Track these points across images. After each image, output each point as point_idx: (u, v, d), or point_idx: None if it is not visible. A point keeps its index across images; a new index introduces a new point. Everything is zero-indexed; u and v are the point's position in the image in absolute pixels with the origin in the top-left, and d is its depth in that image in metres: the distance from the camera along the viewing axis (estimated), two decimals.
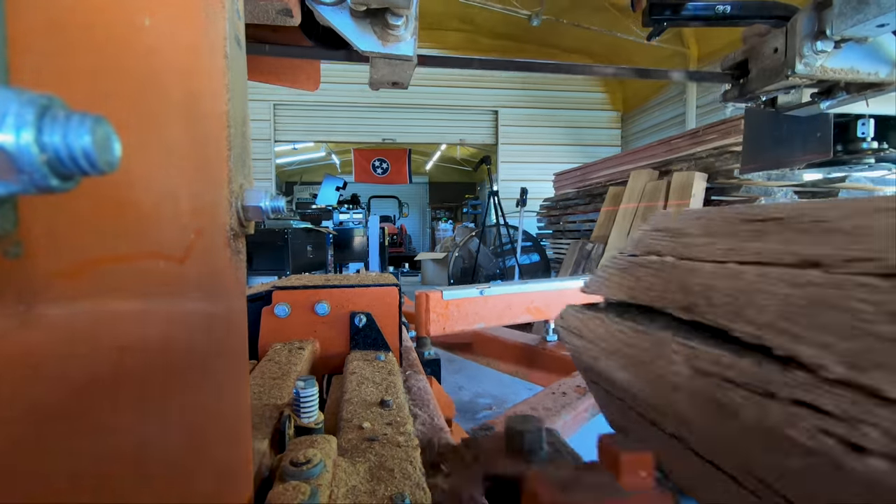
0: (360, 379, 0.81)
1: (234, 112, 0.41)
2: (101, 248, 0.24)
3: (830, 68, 1.20)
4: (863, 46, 1.20)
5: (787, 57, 1.23)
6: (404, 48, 0.74)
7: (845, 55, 1.20)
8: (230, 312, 0.40)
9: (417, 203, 15.02)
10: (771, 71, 1.29)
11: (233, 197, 0.40)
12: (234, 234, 0.41)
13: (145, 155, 0.28)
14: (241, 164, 0.43)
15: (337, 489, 0.47)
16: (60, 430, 0.21)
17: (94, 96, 0.24)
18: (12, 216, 0.18)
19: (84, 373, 0.23)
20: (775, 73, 1.27)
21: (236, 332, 0.42)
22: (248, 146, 0.47)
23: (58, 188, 0.16)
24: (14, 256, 0.19)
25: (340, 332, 0.97)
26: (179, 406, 0.31)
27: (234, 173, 0.40)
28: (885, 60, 1.21)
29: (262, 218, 0.44)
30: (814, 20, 1.19)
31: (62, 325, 0.22)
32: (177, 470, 0.31)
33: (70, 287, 0.22)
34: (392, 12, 0.69)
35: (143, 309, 0.28)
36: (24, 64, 0.19)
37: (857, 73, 1.21)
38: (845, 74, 1.21)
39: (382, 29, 0.70)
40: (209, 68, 0.37)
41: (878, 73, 1.21)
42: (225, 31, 0.39)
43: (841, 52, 1.20)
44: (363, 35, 0.71)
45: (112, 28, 0.25)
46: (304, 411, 0.60)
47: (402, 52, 0.74)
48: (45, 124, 0.15)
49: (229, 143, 0.40)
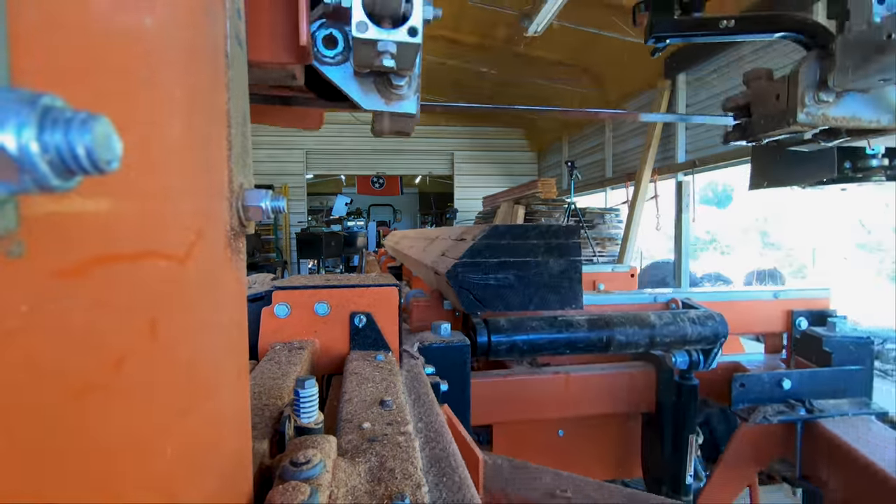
0: (359, 379, 0.81)
1: (235, 111, 0.41)
2: (102, 248, 0.24)
3: (832, 117, 1.20)
4: (864, 95, 1.19)
5: (790, 105, 1.23)
6: (407, 106, 0.74)
7: (847, 104, 1.20)
8: (230, 312, 0.40)
9: (409, 210, 18.53)
10: (773, 118, 1.30)
11: (233, 197, 0.40)
12: (234, 233, 0.41)
13: (145, 155, 0.28)
14: (241, 164, 0.43)
15: (337, 489, 0.47)
16: (61, 429, 0.21)
17: (95, 96, 0.24)
18: (14, 216, 0.18)
19: (85, 373, 0.23)
20: (778, 120, 1.28)
21: (236, 332, 0.42)
22: (249, 145, 0.47)
23: (59, 188, 0.16)
24: (16, 256, 0.19)
25: (340, 332, 0.97)
26: (180, 406, 0.31)
27: (234, 173, 0.40)
28: (887, 108, 1.20)
29: (262, 218, 0.44)
30: (816, 70, 1.18)
31: (63, 325, 0.22)
32: (177, 470, 0.31)
33: (71, 287, 0.22)
34: (396, 73, 0.70)
35: (144, 309, 0.28)
36: (25, 64, 0.19)
37: (860, 121, 1.21)
38: (847, 122, 1.21)
39: (386, 88, 0.71)
40: (209, 68, 0.37)
41: (879, 121, 1.21)
42: (225, 30, 0.39)
43: (842, 100, 1.20)
44: (367, 94, 0.72)
45: (112, 28, 0.25)
46: (304, 411, 0.60)
47: (404, 109, 0.75)
48: (46, 124, 0.15)
49: (229, 142, 0.40)
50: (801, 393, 1.43)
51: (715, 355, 1.43)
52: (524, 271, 1.36)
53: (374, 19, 0.61)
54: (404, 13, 0.61)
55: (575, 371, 1.55)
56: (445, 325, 1.25)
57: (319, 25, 0.68)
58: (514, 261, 1.36)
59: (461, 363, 1.18)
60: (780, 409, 1.40)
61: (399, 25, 0.61)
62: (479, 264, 1.33)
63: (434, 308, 1.47)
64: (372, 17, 0.60)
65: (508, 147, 13.92)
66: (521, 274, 1.35)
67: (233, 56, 0.41)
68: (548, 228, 1.41)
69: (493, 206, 10.03)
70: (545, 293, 1.36)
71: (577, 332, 1.36)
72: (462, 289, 1.31)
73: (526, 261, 1.37)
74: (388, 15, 0.61)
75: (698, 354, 1.43)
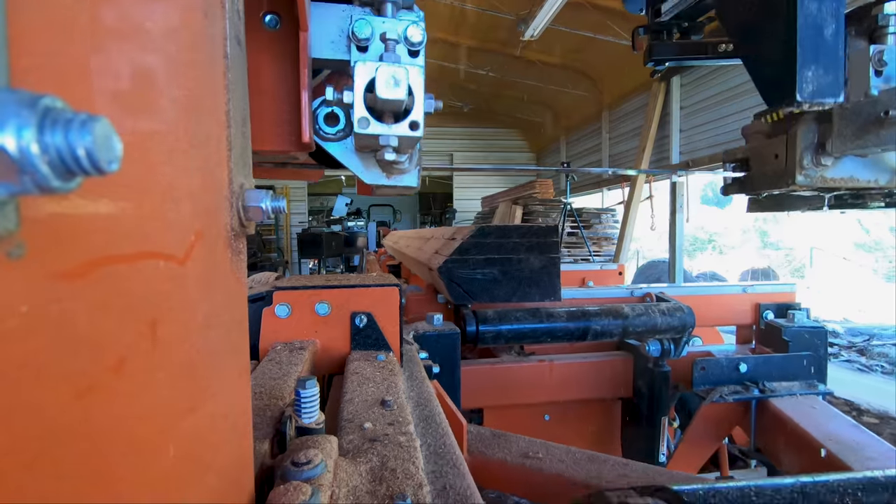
0: (360, 379, 0.81)
1: (235, 111, 0.41)
2: (102, 250, 0.24)
3: (830, 178, 1.22)
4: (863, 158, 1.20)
5: (788, 166, 1.24)
6: (407, 180, 0.75)
7: (844, 165, 1.22)
8: (231, 312, 0.40)
9: (409, 210, 18.62)
10: (772, 177, 1.32)
11: (233, 197, 0.40)
12: (234, 234, 0.41)
13: (145, 155, 0.28)
14: (241, 164, 0.43)
15: (338, 489, 0.47)
16: (62, 430, 0.21)
17: (95, 96, 0.24)
18: (14, 217, 0.18)
19: (85, 374, 0.23)
20: (776, 179, 1.30)
21: (237, 333, 0.42)
22: (249, 146, 0.47)
23: (59, 189, 0.16)
24: (16, 257, 0.19)
25: (341, 332, 0.97)
26: (181, 406, 0.31)
27: (234, 173, 0.40)
28: (884, 169, 1.21)
29: (262, 218, 0.44)
30: (814, 132, 1.19)
31: (64, 326, 0.22)
32: (179, 470, 0.31)
33: (72, 288, 0.22)
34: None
35: (144, 310, 0.28)
36: (25, 64, 0.19)
37: (857, 181, 1.22)
38: (844, 182, 1.23)
39: (387, 164, 0.71)
40: (209, 68, 0.37)
41: (877, 180, 1.22)
42: (225, 31, 0.39)
43: (840, 162, 1.21)
44: (368, 169, 0.73)
45: (112, 28, 0.25)
46: (305, 411, 0.60)
47: (405, 183, 0.76)
48: (47, 125, 0.15)
49: (229, 142, 0.40)
50: (757, 376, 1.57)
51: (685, 344, 1.56)
52: (508, 267, 1.50)
53: (375, 114, 0.61)
54: (406, 107, 0.62)
55: (559, 359, 1.68)
56: (438, 316, 1.34)
57: (321, 103, 0.69)
58: (498, 258, 1.50)
59: (452, 349, 1.27)
60: (735, 390, 1.55)
61: (401, 120, 0.62)
62: (468, 261, 1.47)
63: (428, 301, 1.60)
64: (373, 112, 0.61)
65: (507, 148, 14.04)
66: (505, 269, 1.50)
67: (233, 57, 0.40)
68: (528, 228, 1.54)
69: (492, 207, 10.19)
70: (527, 287, 1.52)
71: (556, 323, 1.49)
72: (452, 283, 1.46)
73: (509, 258, 1.51)
74: (390, 111, 0.62)
75: (669, 343, 1.57)
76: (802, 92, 0.63)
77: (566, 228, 7.77)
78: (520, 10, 6.60)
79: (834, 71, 0.67)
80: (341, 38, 0.65)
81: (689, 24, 1.75)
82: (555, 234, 1.59)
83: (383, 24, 0.62)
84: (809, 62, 0.66)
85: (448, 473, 0.56)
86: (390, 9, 0.62)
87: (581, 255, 7.93)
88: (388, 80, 0.58)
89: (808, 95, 0.65)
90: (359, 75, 0.59)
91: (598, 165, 9.88)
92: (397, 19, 0.62)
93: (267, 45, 0.66)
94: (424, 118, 0.62)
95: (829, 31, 0.69)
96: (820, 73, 0.68)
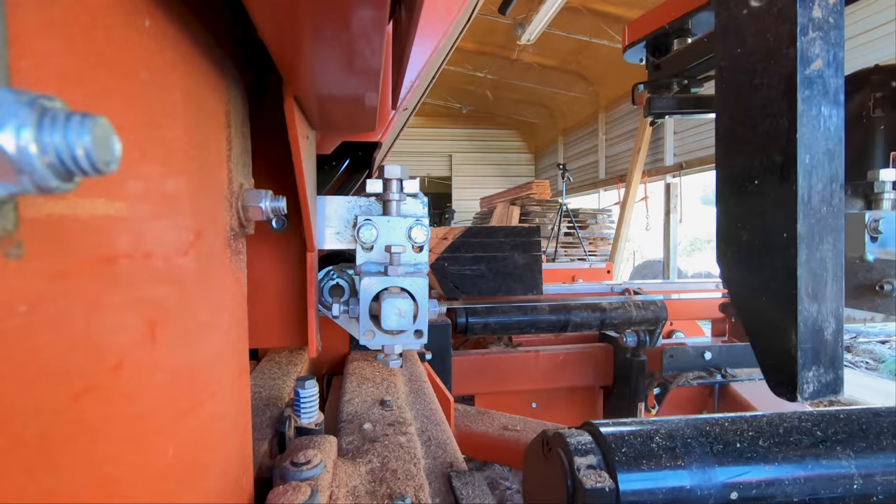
0: (360, 379, 0.81)
1: (235, 112, 0.41)
2: (101, 250, 0.24)
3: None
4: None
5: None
6: (410, 344, 0.75)
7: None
8: (230, 313, 0.40)
9: None
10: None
11: (233, 197, 0.40)
12: (234, 234, 0.41)
13: (144, 156, 0.28)
14: (241, 164, 0.43)
15: (337, 489, 0.47)
16: (61, 430, 0.21)
17: (94, 96, 0.24)
18: (13, 217, 0.18)
19: (84, 374, 0.23)
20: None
21: (236, 333, 0.42)
22: (249, 146, 0.47)
23: (58, 189, 0.16)
24: (15, 257, 0.19)
25: (340, 332, 0.96)
26: (180, 406, 0.31)
27: (234, 173, 0.40)
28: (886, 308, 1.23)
29: (262, 218, 0.43)
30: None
31: (62, 326, 0.22)
32: (178, 470, 0.31)
33: (70, 288, 0.22)
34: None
35: (143, 310, 0.28)
36: (25, 64, 0.19)
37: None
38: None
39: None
40: (209, 69, 0.37)
41: (873, 319, 1.24)
42: None
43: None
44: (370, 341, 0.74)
45: (112, 28, 0.25)
46: (305, 411, 0.60)
47: (408, 346, 0.76)
48: (45, 125, 0.15)
49: (229, 142, 0.40)
50: (721, 363, 1.76)
51: (658, 335, 1.72)
52: (494, 264, 1.69)
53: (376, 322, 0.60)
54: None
55: (544, 350, 1.85)
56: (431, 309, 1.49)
57: (325, 275, 0.72)
58: (485, 255, 1.68)
59: (444, 339, 1.38)
60: (699, 375, 1.75)
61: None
62: (458, 258, 1.65)
63: None
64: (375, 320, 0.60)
65: (506, 149, 14.14)
66: (492, 266, 1.69)
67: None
68: (513, 229, 1.74)
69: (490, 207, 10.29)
70: (511, 282, 1.72)
71: (539, 315, 1.63)
72: (443, 278, 1.64)
73: (495, 255, 1.69)
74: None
75: (645, 335, 1.72)
76: (804, 392, 0.65)
77: (563, 229, 7.79)
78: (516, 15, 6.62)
79: (835, 370, 0.69)
80: (346, 230, 0.66)
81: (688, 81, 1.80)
82: (537, 234, 1.76)
83: (388, 222, 0.62)
84: (810, 364, 0.68)
85: (432, 430, 0.68)
86: (395, 206, 0.63)
87: (577, 255, 7.95)
88: (394, 312, 0.57)
89: (809, 396, 0.67)
90: (364, 290, 0.59)
91: (595, 166, 9.91)
92: (401, 217, 0.63)
93: (273, 245, 0.69)
94: (428, 326, 0.62)
95: (830, 332, 0.71)
96: (821, 373, 0.70)
